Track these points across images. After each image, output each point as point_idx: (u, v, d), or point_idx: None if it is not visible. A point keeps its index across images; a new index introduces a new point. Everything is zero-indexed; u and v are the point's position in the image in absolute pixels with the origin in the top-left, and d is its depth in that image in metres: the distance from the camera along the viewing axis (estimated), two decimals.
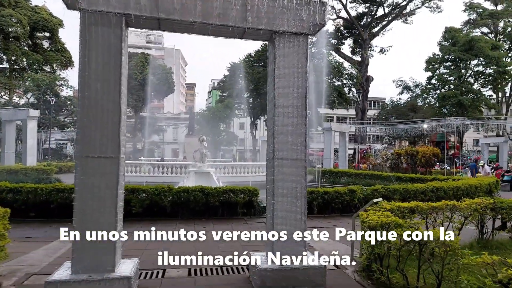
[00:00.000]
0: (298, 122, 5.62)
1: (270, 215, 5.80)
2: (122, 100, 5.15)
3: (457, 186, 14.96)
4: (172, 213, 11.52)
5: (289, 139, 5.61)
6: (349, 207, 12.82)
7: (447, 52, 42.40)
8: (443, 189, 14.48)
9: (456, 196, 14.92)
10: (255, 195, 11.89)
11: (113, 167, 5.08)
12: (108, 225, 5.04)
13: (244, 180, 20.03)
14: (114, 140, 5.09)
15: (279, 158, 5.62)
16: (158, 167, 21.66)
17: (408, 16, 55.54)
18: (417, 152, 24.11)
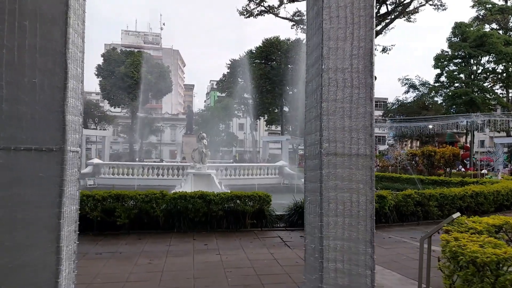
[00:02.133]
0: (360, 95, 3.49)
1: (313, 244, 3.63)
2: (71, 55, 2.97)
3: (497, 191, 12.86)
4: (166, 225, 9.35)
5: (346, 123, 3.48)
6: (378, 217, 10.62)
7: (457, 48, 40.33)
8: (483, 194, 12.38)
9: (496, 202, 12.87)
10: (267, 203, 9.72)
11: (52, 166, 2.90)
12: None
13: (249, 183, 17.86)
14: (56, 121, 2.91)
15: (331, 154, 3.48)
16: (152, 168, 19.47)
17: (412, 14, 53.51)
18: (434, 152, 22.02)
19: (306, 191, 3.98)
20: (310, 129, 3.76)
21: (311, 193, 3.75)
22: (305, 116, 4.00)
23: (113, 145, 63.44)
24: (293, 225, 9.95)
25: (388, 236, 9.17)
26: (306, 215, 4.04)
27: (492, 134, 56.36)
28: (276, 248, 7.90)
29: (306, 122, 3.93)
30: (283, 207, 10.89)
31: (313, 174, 3.69)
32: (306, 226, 4.01)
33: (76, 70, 3.10)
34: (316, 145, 3.56)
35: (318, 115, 3.52)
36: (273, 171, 20.53)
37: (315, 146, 3.58)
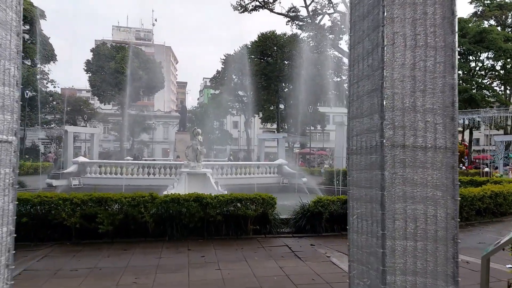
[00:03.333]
0: (438, 59, 2.34)
1: (367, 279, 2.50)
2: None
3: None
4: (156, 232, 8.15)
5: (418, 100, 2.35)
6: None
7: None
8: (503, 195, 11.38)
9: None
10: (271, 206, 8.57)
11: None
12: None
13: (247, 182, 16.71)
14: None
15: (397, 146, 2.36)
16: (143, 167, 18.19)
17: None
18: None
19: (351, 199, 2.86)
20: (360, 110, 2.65)
21: (361, 203, 2.64)
22: (350, 93, 2.87)
23: (104, 143, 61.88)
24: (301, 230, 8.83)
25: None
26: (351, 234, 2.93)
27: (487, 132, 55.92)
28: (285, 260, 6.76)
29: (352, 100, 2.81)
30: (287, 209, 9.77)
31: (365, 176, 2.58)
32: (353, 250, 2.89)
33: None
34: (373, 134, 2.44)
35: (376, 88, 2.40)
36: (272, 170, 19.39)
37: (371, 135, 2.46)
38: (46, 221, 7.81)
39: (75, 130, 35.60)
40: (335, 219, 9.10)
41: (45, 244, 7.61)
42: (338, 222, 9.11)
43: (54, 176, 17.20)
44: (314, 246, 7.72)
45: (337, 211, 9.08)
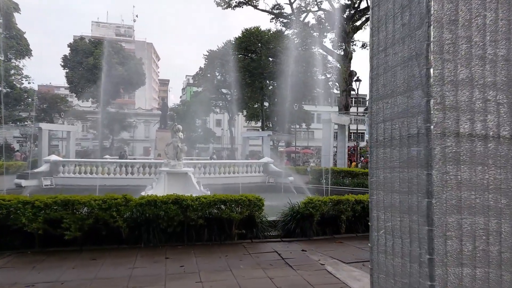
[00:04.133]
0: (500, 20, 1.63)
1: None
2: None
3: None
4: (130, 238, 7.36)
5: (476, 70, 1.62)
6: None
7: None
8: None
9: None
10: (258, 208, 7.88)
11: None
12: None
13: (231, 182, 15.99)
14: None
15: (449, 135, 1.65)
16: (120, 166, 17.24)
17: None
18: None
19: (376, 208, 2.21)
20: (390, 87, 1.98)
21: (393, 214, 1.99)
22: (372, 66, 2.20)
23: (83, 142, 60.04)
24: (290, 234, 8.17)
25: None
26: (376, 254, 2.28)
27: None
28: (275, 268, 6.08)
29: (377, 75, 2.15)
30: (274, 210, 9.11)
31: (400, 176, 1.92)
32: (378, 276, 2.22)
33: None
34: (412, 117, 1.78)
35: (417, 53, 1.74)
36: (257, 169, 18.70)
37: (409, 119, 1.80)
38: (5, 227, 6.93)
39: (50, 127, 34.11)
40: (326, 221, 8.49)
41: (3, 254, 6.73)
42: (329, 225, 8.52)
43: (23, 176, 16.06)
44: (305, 252, 7.06)
45: (329, 212, 8.48)
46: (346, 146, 22.26)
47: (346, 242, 7.96)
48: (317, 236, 8.24)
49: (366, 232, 8.71)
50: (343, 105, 46.82)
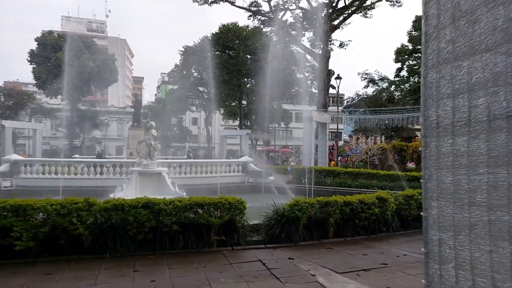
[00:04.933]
0: None
1: None
2: None
3: None
4: (94, 247, 6.49)
5: None
6: (378, 225, 8.50)
7: (417, 42, 39.99)
8: None
9: None
10: (240, 212, 7.14)
11: None
12: None
13: (208, 182, 15.19)
14: None
15: None
16: (89, 166, 16.10)
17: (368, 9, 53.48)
18: (406, 146, 20.64)
19: (435, 226, 1.52)
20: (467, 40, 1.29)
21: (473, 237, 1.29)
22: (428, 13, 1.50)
23: (52, 141, 57.54)
24: (275, 240, 7.49)
25: (403, 254, 6.95)
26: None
27: None
28: (260, 281, 5.36)
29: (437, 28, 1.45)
30: (256, 212, 8.43)
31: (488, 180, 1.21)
32: None
33: None
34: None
35: None
36: (235, 168, 17.93)
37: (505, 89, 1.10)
38: None
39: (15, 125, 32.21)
40: (313, 225, 7.87)
41: None
42: (317, 229, 7.89)
43: None
44: (293, 260, 6.39)
45: (316, 215, 7.86)
46: (327, 144, 21.84)
47: (335, 247, 7.35)
48: (304, 241, 7.59)
49: (355, 236, 8.16)
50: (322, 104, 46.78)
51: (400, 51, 42.16)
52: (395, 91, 44.92)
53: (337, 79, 29.83)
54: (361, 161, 27.34)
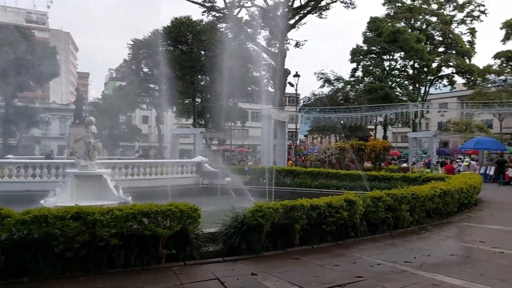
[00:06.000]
0: None
1: None
2: None
3: (460, 188, 11.22)
4: (10, 268, 5.24)
5: None
6: (346, 229, 7.88)
7: (372, 43, 41.02)
8: (450, 193, 10.54)
9: (459, 201, 11.26)
10: (194, 220, 6.17)
11: None
12: None
13: (158, 185, 13.97)
14: None
15: None
16: (19, 168, 14.25)
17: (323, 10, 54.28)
18: (365, 145, 20.66)
19: None
20: None
21: None
22: None
23: None
24: (234, 251, 6.59)
25: (376, 263, 6.33)
26: None
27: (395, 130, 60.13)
28: None
29: None
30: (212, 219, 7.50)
31: None
32: None
33: None
34: None
35: None
36: (189, 169, 16.79)
37: None
38: None
39: None
40: (277, 232, 7.08)
41: None
42: (281, 236, 7.11)
43: None
44: (256, 276, 5.53)
45: (280, 221, 7.07)
46: (286, 143, 21.32)
47: (303, 257, 6.60)
48: (267, 251, 6.76)
49: (322, 242, 7.48)
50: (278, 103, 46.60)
51: (355, 52, 43.06)
52: (351, 91, 45.83)
53: (295, 77, 29.54)
54: (318, 160, 27.26)
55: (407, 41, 38.34)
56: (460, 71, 44.32)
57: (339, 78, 46.50)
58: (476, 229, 9.25)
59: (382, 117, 37.46)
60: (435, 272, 5.76)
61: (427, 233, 8.84)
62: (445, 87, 49.84)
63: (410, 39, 38.56)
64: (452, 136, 42.35)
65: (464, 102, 39.15)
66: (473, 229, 9.32)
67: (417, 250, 7.18)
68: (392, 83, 41.43)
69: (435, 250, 7.20)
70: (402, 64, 43.96)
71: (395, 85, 42.11)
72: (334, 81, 46.64)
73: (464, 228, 9.40)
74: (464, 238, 8.32)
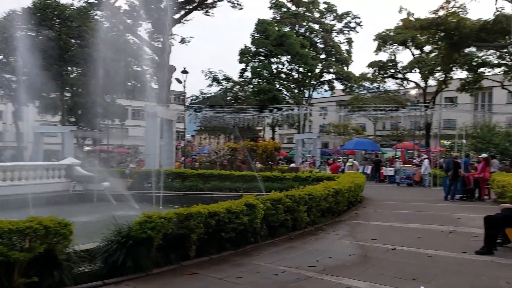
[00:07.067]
0: None
1: None
2: None
3: (350, 187, 11.97)
4: None
5: None
6: (246, 235, 7.54)
7: (260, 45, 42.39)
8: (341, 192, 11.14)
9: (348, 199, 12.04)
10: (64, 238, 5.08)
11: None
12: None
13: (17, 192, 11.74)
14: None
15: None
16: None
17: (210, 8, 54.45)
18: (256, 146, 20.98)
19: None
20: None
21: None
22: None
23: None
24: (118, 270, 5.62)
25: (281, 270, 6.07)
26: None
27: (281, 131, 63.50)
28: None
29: None
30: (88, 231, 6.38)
31: None
32: None
33: None
34: None
35: None
36: (57, 173, 14.60)
37: None
38: None
39: None
40: (170, 244, 6.32)
41: None
42: (175, 249, 6.37)
43: None
44: None
45: (174, 232, 6.34)
46: (174, 144, 20.33)
47: (200, 271, 5.99)
48: (159, 268, 5.96)
49: (221, 252, 6.98)
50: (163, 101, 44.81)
51: (244, 52, 44.06)
52: (240, 92, 46.73)
53: (183, 73, 28.64)
54: (207, 161, 26.91)
55: (292, 46, 40.67)
56: (339, 77, 48.91)
57: (228, 78, 47.05)
58: (366, 227, 9.83)
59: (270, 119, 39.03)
60: (340, 276, 5.73)
61: (323, 233, 9.05)
62: (326, 92, 54.51)
63: (295, 44, 40.99)
64: (332, 137, 46.43)
65: (343, 106, 43.39)
66: (363, 226, 9.89)
67: (317, 252, 7.19)
68: (280, 86, 43.53)
69: (335, 251, 7.31)
70: (289, 67, 46.62)
71: (282, 88, 44.35)
72: (222, 81, 46.97)
73: (355, 226, 9.91)
74: (357, 236, 8.71)
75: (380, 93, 45.62)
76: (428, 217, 11.18)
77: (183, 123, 39.75)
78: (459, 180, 14.92)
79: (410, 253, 7.18)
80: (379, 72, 43.89)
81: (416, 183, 21.77)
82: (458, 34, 30.87)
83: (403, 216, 11.54)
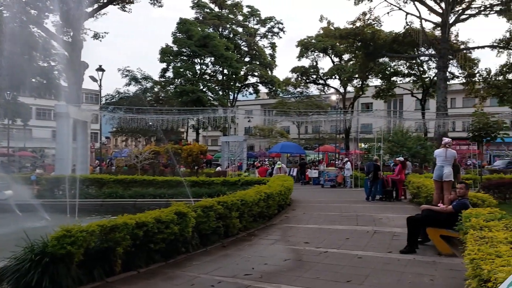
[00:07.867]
0: None
1: None
2: None
3: (280, 191, 12.15)
4: None
5: None
6: (177, 245, 7.22)
7: (182, 44, 41.52)
8: (273, 196, 11.27)
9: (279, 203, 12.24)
10: None
11: None
12: None
13: None
14: None
15: None
16: None
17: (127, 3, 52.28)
18: (181, 149, 20.41)
19: None
20: None
21: None
22: None
23: None
24: None
25: (217, 281, 5.88)
26: None
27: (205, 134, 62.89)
28: None
29: None
30: None
31: None
32: None
33: None
34: None
35: None
36: None
37: None
38: None
39: None
40: (92, 259, 5.80)
41: None
42: (99, 263, 5.85)
43: None
44: None
45: (97, 245, 5.82)
46: (88, 147, 18.92)
47: (128, 287, 5.56)
48: (81, 286, 5.42)
49: (150, 264, 6.59)
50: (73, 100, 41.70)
51: (165, 51, 42.89)
52: (161, 92, 45.32)
53: (99, 71, 26.93)
54: (125, 166, 25.63)
55: (216, 48, 40.57)
56: (263, 81, 49.90)
57: (147, 77, 45.43)
58: (297, 230, 10.01)
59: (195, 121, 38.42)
60: (278, 283, 5.71)
61: (256, 238, 9.03)
62: (251, 94, 55.24)
63: (219, 45, 40.93)
64: (258, 140, 47.15)
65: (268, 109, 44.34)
66: (294, 229, 10.06)
67: (252, 259, 7.12)
68: (204, 87, 43.09)
69: (269, 257, 7.30)
70: (213, 69, 46.40)
71: (206, 89, 43.97)
72: (141, 80, 45.21)
73: (287, 230, 10.05)
74: (290, 240, 8.82)
75: (303, 98, 47.55)
76: (353, 218, 11.74)
77: (97, 124, 37.42)
78: (379, 182, 15.98)
79: (341, 255, 7.43)
80: (302, 78, 45.75)
81: (339, 184, 22.95)
82: (373, 45, 33.35)
83: (330, 217, 11.99)
